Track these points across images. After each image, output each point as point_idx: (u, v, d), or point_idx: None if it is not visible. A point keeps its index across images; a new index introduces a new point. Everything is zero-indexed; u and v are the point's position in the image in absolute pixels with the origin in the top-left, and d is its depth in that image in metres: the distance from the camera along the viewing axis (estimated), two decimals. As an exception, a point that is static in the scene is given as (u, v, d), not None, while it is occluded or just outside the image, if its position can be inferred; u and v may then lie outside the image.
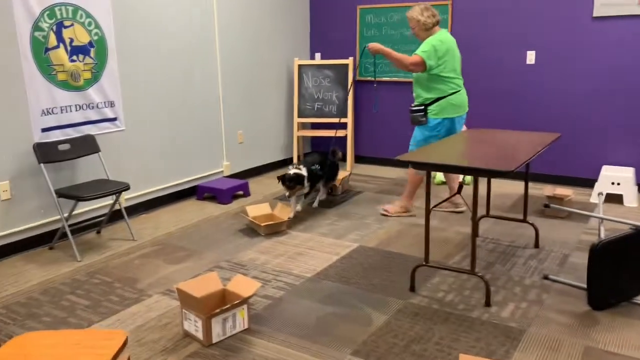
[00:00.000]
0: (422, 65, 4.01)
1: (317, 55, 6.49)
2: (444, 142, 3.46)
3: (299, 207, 4.60)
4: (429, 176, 3.02)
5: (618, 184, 4.72)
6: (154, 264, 3.57)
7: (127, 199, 4.50)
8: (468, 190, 4.79)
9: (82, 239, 4.05)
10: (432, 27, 4.11)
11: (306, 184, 4.40)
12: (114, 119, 4.31)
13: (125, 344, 1.48)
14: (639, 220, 4.25)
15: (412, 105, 4.25)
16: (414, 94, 4.29)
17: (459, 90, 4.17)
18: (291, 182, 4.32)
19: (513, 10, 5.32)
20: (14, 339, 1.57)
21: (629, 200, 4.68)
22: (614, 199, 4.77)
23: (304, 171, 4.39)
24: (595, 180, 5.12)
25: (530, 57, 5.32)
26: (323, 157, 4.79)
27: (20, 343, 1.50)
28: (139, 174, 4.59)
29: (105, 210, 4.28)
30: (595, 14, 4.94)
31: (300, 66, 6.11)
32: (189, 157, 5.07)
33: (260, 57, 5.81)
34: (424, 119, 4.16)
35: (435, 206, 3.13)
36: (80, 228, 4.15)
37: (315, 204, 4.79)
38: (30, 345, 1.49)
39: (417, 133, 4.27)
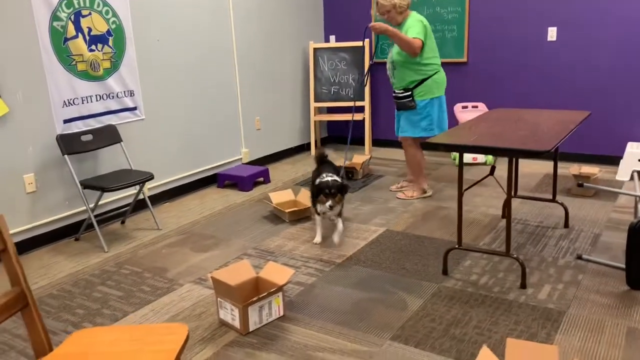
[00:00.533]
0: (421, 48, 4.01)
1: (332, 37, 6.40)
2: (474, 123, 3.40)
3: (319, 237, 3.62)
4: (462, 158, 2.96)
5: (645, 160, 4.64)
6: (181, 253, 3.56)
7: (150, 188, 4.49)
8: (483, 170, 4.75)
9: (107, 230, 4.05)
10: (406, 10, 4.09)
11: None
12: (134, 109, 4.28)
13: (187, 338, 1.46)
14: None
15: (396, 91, 4.21)
16: (393, 80, 4.24)
17: (439, 71, 4.19)
18: (332, 190, 3.40)
19: (533, -15, 5.21)
20: (72, 335, 1.55)
21: (657, 177, 4.60)
22: (641, 176, 4.69)
23: (337, 178, 3.50)
24: (620, 157, 5.04)
25: (552, 33, 5.22)
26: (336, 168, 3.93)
27: (79, 340, 1.48)
28: (160, 163, 4.57)
29: (129, 200, 4.27)
30: (619, -13, 4.82)
31: (315, 49, 6.04)
32: (208, 145, 5.04)
33: (275, 41, 5.74)
34: (413, 103, 4.14)
35: (467, 188, 3.07)
36: (105, 219, 4.14)
37: (336, 239, 3.56)
38: (89, 343, 1.47)
39: (405, 119, 4.23)
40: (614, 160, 5.15)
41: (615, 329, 2.47)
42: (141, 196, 4.11)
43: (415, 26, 4.00)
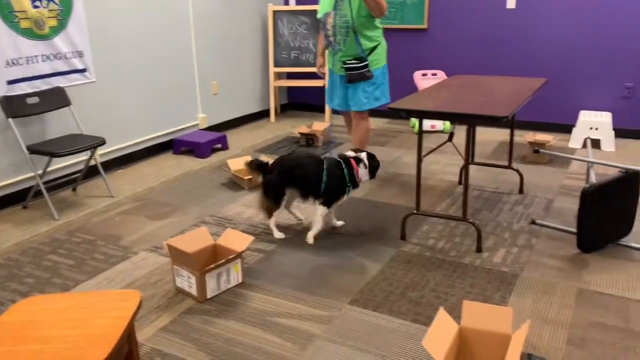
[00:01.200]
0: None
1: (292, 0, 6.24)
2: (434, 89, 3.39)
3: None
4: (421, 123, 2.95)
5: (596, 128, 4.77)
6: (136, 221, 3.46)
7: (102, 154, 4.32)
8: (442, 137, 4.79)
9: (58, 197, 3.89)
10: None
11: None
12: (84, 70, 4.08)
13: (140, 304, 1.40)
14: (620, 163, 4.32)
15: (347, 62, 3.69)
16: (341, 47, 3.71)
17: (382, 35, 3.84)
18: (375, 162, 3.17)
19: (494, -48, 5.19)
20: (18, 303, 1.47)
21: (607, 145, 4.75)
22: (592, 144, 4.82)
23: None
24: (573, 125, 5.16)
25: (511, 1, 5.23)
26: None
27: (24, 309, 1.40)
28: (113, 128, 4.40)
29: (80, 167, 4.11)
30: (577, -44, 4.85)
31: (274, 12, 5.88)
32: (163, 110, 4.88)
33: (233, 3, 5.55)
34: (370, 73, 3.71)
35: (426, 154, 3.08)
36: (54, 186, 3.98)
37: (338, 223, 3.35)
38: (36, 311, 1.40)
39: (362, 91, 3.77)
40: (567, 128, 5.28)
41: (566, 291, 2.55)
42: (93, 162, 3.96)
43: None
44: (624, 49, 4.90)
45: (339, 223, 3.32)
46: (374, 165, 3.16)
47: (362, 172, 3.10)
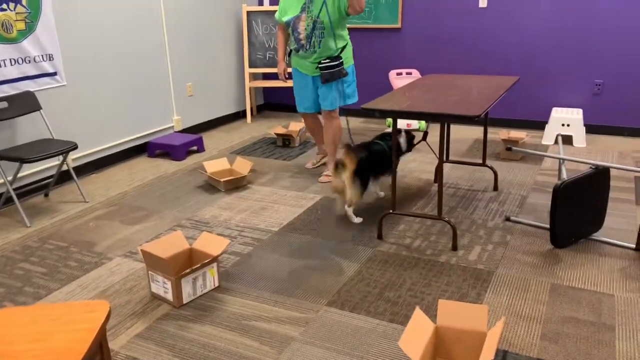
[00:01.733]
0: None
1: (266, 1, 6.22)
2: (408, 89, 3.41)
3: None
4: (396, 123, 2.97)
5: (568, 125, 4.85)
6: (110, 226, 3.41)
7: (74, 158, 4.25)
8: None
9: (29, 203, 3.82)
10: None
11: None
12: (54, 74, 4.00)
13: (109, 315, 1.38)
14: (591, 159, 4.40)
15: (322, 61, 3.74)
16: (317, 48, 3.74)
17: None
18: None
19: (465, -49, 5.24)
20: (-20, 316, 1.44)
21: (579, 141, 4.83)
22: (564, 140, 4.91)
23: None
24: (546, 122, 5.24)
25: (483, 0, 5.29)
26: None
27: (-11, 321, 1.37)
28: (86, 132, 4.33)
29: (52, 172, 4.03)
30: (546, -45, 4.93)
31: (249, 13, 5.85)
32: (137, 113, 4.82)
33: (206, 4, 5.51)
34: (345, 71, 3.78)
35: (402, 154, 3.11)
36: (25, 192, 3.90)
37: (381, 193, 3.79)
38: (3, 323, 1.36)
39: (335, 90, 3.84)
40: (540, 125, 5.36)
41: (540, 286, 2.58)
42: (65, 167, 3.89)
43: None
44: (593, 47, 4.99)
45: (382, 193, 3.78)
46: (410, 137, 3.69)
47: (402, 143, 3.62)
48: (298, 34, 3.76)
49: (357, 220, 3.38)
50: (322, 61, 3.75)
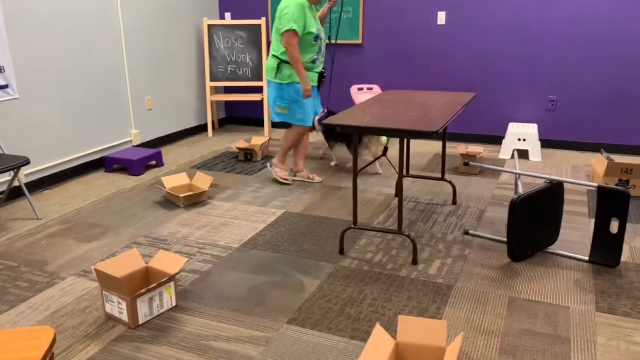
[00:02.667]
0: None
1: (227, 15, 6.20)
2: (368, 105, 3.44)
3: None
4: (356, 139, 2.98)
5: (524, 140, 4.98)
6: (64, 244, 3.30)
7: (26, 174, 4.10)
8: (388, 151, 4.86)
9: (-23, 221, 3.66)
10: None
11: None
12: (5, 86, 3.87)
13: (54, 341, 1.31)
14: (546, 173, 4.52)
15: (324, 70, 4.22)
16: (322, 59, 4.17)
17: None
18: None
19: (424, -30, 5.35)
20: None
21: (534, 155, 4.96)
22: (520, 154, 5.03)
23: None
24: (503, 137, 5.37)
25: (441, 17, 5.40)
26: None
27: None
28: (39, 147, 4.19)
29: (2, 188, 3.88)
30: (501, -25, 5.08)
31: (210, 26, 5.81)
32: (93, 126, 4.70)
33: (166, 17, 5.45)
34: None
35: (362, 169, 3.12)
36: (-27, 209, 3.74)
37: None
38: None
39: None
40: (497, 139, 5.49)
41: (498, 300, 2.62)
42: (16, 183, 3.75)
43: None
44: (547, 64, 5.15)
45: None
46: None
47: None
48: (322, 46, 4.07)
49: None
50: (324, 70, 4.22)
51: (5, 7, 3.81)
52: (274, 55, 4.02)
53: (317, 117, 4.29)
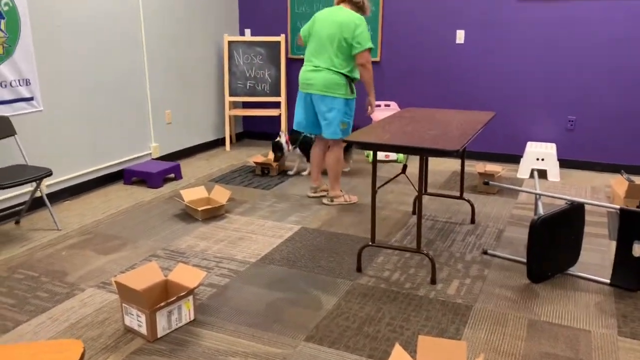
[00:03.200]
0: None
1: (247, 31, 6.28)
2: (388, 122, 3.45)
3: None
4: (375, 156, 2.99)
5: (542, 159, 4.94)
6: (83, 255, 3.33)
7: (48, 185, 4.17)
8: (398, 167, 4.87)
9: (-1, 231, 3.71)
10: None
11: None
12: (31, 99, 3.95)
13: (83, 355, 1.32)
14: (565, 193, 4.49)
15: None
16: None
17: (304, 65, 4.09)
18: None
19: (443, -11, 5.38)
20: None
21: (553, 175, 4.92)
22: (539, 174, 5.00)
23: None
24: (521, 156, 5.34)
25: (460, 36, 5.42)
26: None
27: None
28: (61, 158, 4.26)
29: (25, 198, 3.94)
30: (521, -5, 5.10)
31: (230, 43, 5.89)
32: (114, 139, 4.76)
33: (188, 33, 5.53)
34: None
35: (380, 186, 3.12)
36: (-4, 218, 3.80)
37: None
38: (-33, 365, 1.29)
39: None
40: (515, 158, 5.46)
41: (518, 322, 2.59)
42: (38, 194, 3.81)
43: (364, 30, 3.89)
44: (566, 84, 5.14)
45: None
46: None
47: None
48: None
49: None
50: None
51: (34, 22, 3.90)
52: (339, 72, 3.91)
53: (286, 138, 4.87)
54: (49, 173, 3.55)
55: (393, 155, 5.49)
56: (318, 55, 3.97)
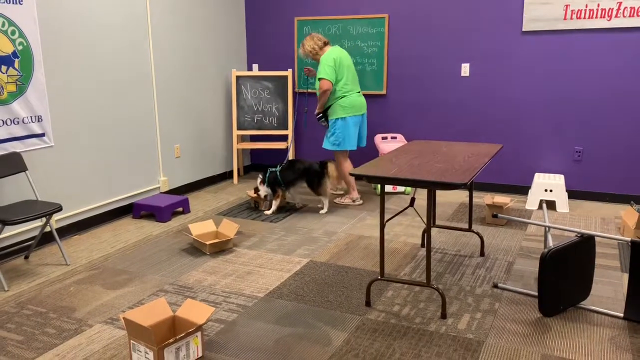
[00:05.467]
0: (330, 84, 4.77)
1: (255, 66, 6.38)
2: (395, 155, 3.46)
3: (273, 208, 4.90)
4: (383, 189, 2.99)
5: (551, 190, 4.93)
6: (92, 290, 3.33)
7: (58, 219, 4.19)
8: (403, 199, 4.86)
9: (8, 266, 3.72)
10: (321, 48, 4.89)
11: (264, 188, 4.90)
12: (42, 135, 4.01)
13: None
14: (574, 225, 4.46)
15: (315, 113, 5.07)
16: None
17: (346, 95, 4.86)
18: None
19: (448, 24, 5.47)
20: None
21: (562, 206, 4.90)
22: (547, 205, 4.97)
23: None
24: (529, 187, 5.33)
25: (465, 69, 5.48)
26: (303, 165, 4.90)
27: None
28: (71, 193, 4.29)
29: (34, 233, 3.96)
30: (524, 29, 5.17)
31: (238, 77, 5.98)
32: (123, 173, 4.81)
33: (196, 68, 5.64)
34: (325, 122, 5.02)
35: (389, 219, 3.12)
36: (5, 254, 3.81)
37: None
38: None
39: (326, 136, 5.05)
40: (523, 189, 5.44)
41: (530, 357, 2.54)
42: (48, 229, 3.83)
43: (322, 67, 4.77)
44: (572, 115, 5.16)
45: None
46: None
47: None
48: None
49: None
50: (315, 113, 5.08)
51: (47, 60, 3.99)
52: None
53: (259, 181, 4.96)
54: (58, 208, 3.57)
55: (400, 187, 5.49)
56: (355, 83, 4.98)
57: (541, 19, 5.08)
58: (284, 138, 6.25)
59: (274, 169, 4.86)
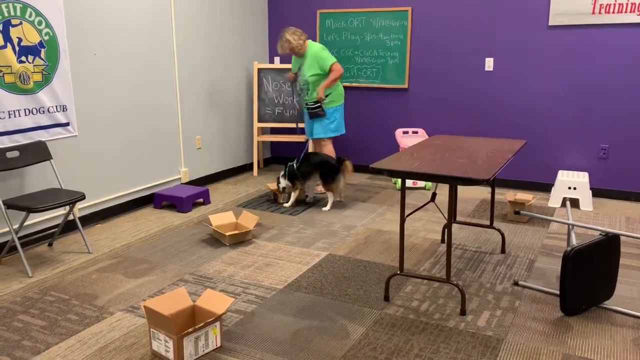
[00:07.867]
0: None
1: (277, 59, 6.38)
2: (416, 149, 3.44)
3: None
4: (404, 184, 2.97)
5: (574, 188, 4.85)
6: (113, 279, 3.37)
7: (81, 208, 4.25)
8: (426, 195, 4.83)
9: (33, 253, 3.79)
10: (304, 43, 4.90)
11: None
12: (67, 124, 4.06)
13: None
14: (598, 224, 4.38)
15: (308, 104, 4.97)
16: (306, 97, 5.05)
17: (339, 84, 5.02)
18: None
19: (472, 17, 5.40)
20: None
21: (585, 204, 4.82)
22: (571, 203, 4.89)
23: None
24: (552, 184, 5.25)
25: (489, 64, 5.41)
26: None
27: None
28: (94, 182, 4.35)
29: (58, 221, 4.03)
30: (550, 23, 5.07)
31: (259, 70, 5.99)
32: (145, 164, 4.86)
33: (218, 60, 5.65)
34: (323, 112, 4.97)
35: (409, 214, 3.10)
36: (30, 241, 3.88)
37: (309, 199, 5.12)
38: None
39: (319, 124, 5.04)
40: (545, 187, 5.37)
41: (551, 356, 2.51)
42: (71, 217, 3.89)
43: (324, 55, 4.85)
44: (598, 112, 5.06)
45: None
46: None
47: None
48: (298, 84, 5.13)
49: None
50: (309, 103, 4.99)
51: (72, 50, 4.04)
52: None
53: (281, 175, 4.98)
54: (82, 197, 3.62)
55: (421, 182, 5.45)
56: None
57: (568, 13, 4.98)
58: (304, 131, 6.24)
59: (292, 163, 4.89)
